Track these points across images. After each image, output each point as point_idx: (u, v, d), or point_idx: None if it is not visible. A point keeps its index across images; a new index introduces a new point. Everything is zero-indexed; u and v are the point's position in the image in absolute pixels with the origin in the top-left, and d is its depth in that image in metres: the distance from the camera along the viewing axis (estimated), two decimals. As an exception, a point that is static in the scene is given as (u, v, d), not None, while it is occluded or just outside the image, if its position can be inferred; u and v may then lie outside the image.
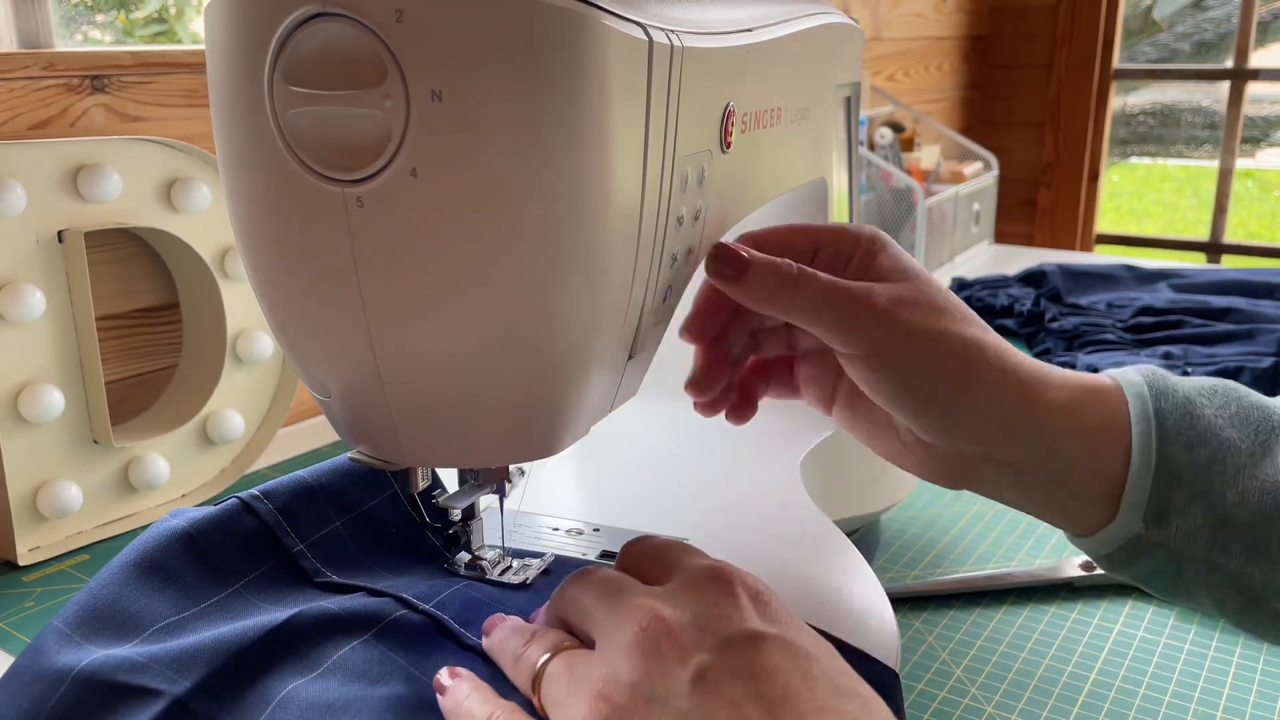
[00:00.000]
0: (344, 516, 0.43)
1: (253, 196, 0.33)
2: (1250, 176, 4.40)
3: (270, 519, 0.41)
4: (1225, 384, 0.40)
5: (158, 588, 0.38)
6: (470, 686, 0.34)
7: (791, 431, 0.58)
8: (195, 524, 0.40)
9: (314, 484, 0.43)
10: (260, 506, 0.41)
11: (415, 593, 0.40)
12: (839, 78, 0.56)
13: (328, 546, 0.42)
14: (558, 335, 0.34)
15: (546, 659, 0.34)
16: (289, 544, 0.41)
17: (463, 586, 0.42)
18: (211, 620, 0.37)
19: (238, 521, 0.41)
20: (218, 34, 0.32)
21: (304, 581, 0.41)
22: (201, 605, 0.38)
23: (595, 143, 0.32)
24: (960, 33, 2.07)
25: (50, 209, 0.61)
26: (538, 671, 0.34)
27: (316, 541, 0.42)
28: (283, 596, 0.40)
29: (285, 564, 0.41)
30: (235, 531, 0.41)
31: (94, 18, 0.96)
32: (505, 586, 0.43)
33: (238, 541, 0.40)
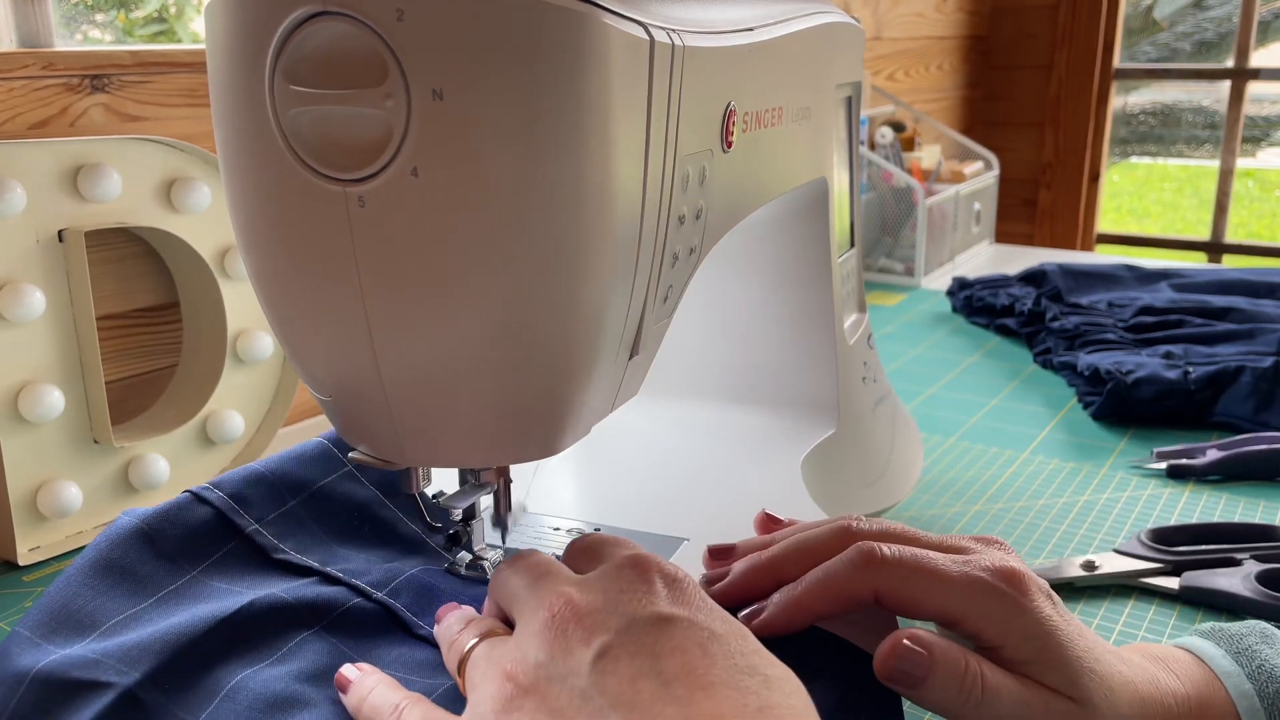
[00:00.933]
0: (298, 496, 0.43)
1: (253, 196, 0.33)
2: (1251, 176, 4.40)
3: (222, 504, 0.41)
4: None
5: (114, 584, 0.38)
6: (375, 680, 0.35)
7: (791, 431, 0.58)
8: (147, 519, 0.40)
9: (265, 470, 0.43)
10: (211, 495, 0.42)
11: (371, 579, 0.41)
12: (839, 77, 0.56)
13: (284, 524, 0.42)
14: (558, 335, 0.34)
15: (474, 644, 0.35)
16: (242, 524, 0.41)
17: (418, 572, 0.42)
18: (168, 610, 0.38)
19: (190, 512, 0.41)
20: (218, 33, 0.32)
21: (261, 560, 0.41)
22: (158, 595, 0.38)
23: (596, 142, 0.32)
24: (960, 32, 2.07)
25: (50, 209, 0.61)
26: (464, 655, 0.35)
27: (272, 520, 0.42)
28: (240, 576, 0.40)
29: (242, 545, 0.41)
30: (188, 521, 0.41)
31: (94, 17, 0.96)
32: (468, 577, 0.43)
33: (191, 531, 0.41)
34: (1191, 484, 0.70)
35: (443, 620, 0.38)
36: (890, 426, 0.66)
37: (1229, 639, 0.40)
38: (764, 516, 0.45)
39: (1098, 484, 0.70)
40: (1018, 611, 0.36)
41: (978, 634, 0.37)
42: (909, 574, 0.37)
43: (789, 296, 0.58)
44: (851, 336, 0.61)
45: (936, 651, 0.36)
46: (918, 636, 0.36)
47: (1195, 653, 0.40)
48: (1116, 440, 0.78)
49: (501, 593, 0.37)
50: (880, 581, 0.37)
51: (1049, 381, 0.92)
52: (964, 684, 0.35)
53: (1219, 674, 0.39)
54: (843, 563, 0.37)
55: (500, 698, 0.31)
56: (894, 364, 0.98)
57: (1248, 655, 0.39)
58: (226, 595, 0.38)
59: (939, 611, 0.37)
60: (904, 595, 0.37)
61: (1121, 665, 0.38)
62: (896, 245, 1.33)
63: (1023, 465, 0.74)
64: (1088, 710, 0.36)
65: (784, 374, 0.60)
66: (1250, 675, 0.39)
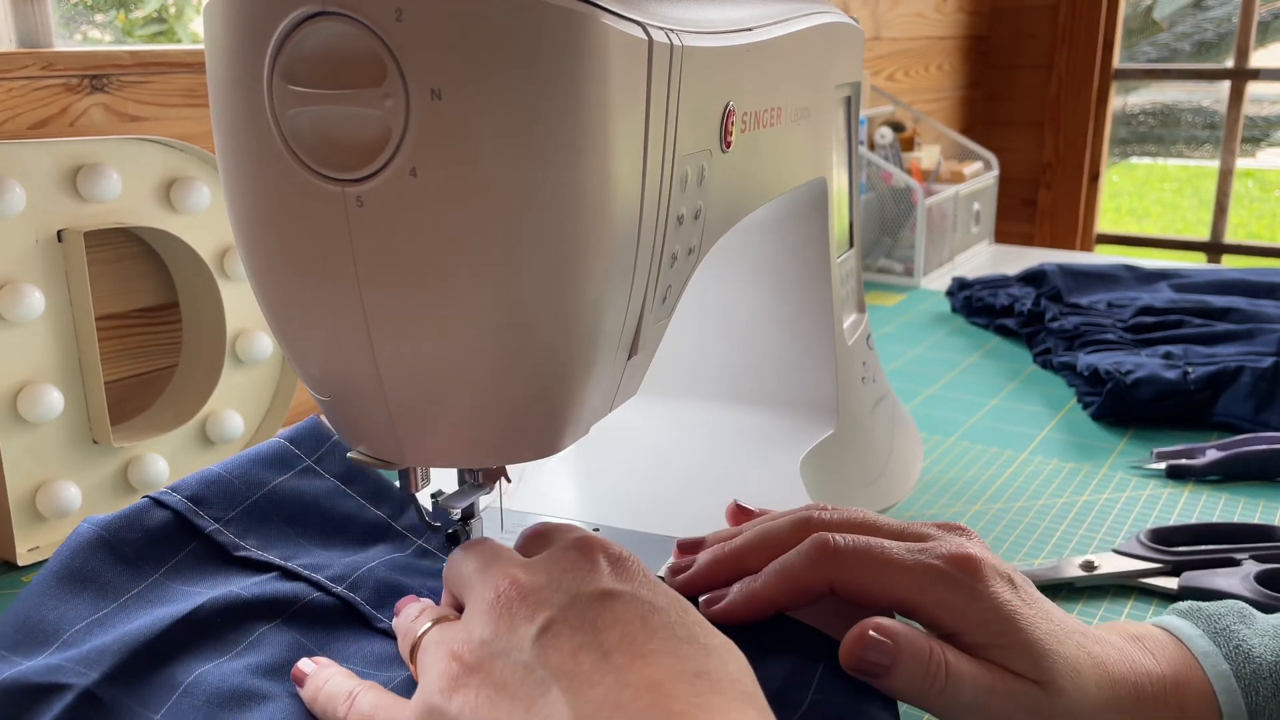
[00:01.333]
0: (257, 492, 0.43)
1: (252, 196, 0.33)
2: (1250, 176, 4.40)
3: (181, 507, 0.42)
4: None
5: (76, 592, 0.38)
6: (331, 672, 0.36)
7: (791, 431, 0.58)
8: (106, 526, 0.40)
9: (223, 471, 0.44)
10: (170, 498, 0.42)
11: (332, 573, 0.41)
12: (839, 77, 0.56)
13: (245, 521, 0.42)
14: (557, 334, 0.34)
15: (426, 629, 0.35)
16: (202, 525, 0.41)
17: (380, 564, 0.42)
18: (130, 614, 0.38)
19: (149, 516, 0.41)
20: (217, 33, 0.32)
21: (223, 559, 0.41)
22: (120, 600, 0.38)
23: (595, 142, 0.32)
24: (960, 33, 2.07)
25: (50, 209, 0.61)
26: (416, 641, 0.35)
27: (232, 519, 0.42)
28: (202, 577, 0.40)
29: (203, 545, 0.41)
30: (147, 526, 0.41)
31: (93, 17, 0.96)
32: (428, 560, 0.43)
33: (151, 535, 0.41)
34: (1191, 484, 0.70)
35: (401, 612, 0.39)
36: (890, 426, 0.66)
37: (1207, 618, 0.40)
38: (734, 507, 0.45)
39: (1097, 484, 0.70)
40: (972, 597, 0.36)
41: (934, 621, 0.37)
42: (862, 564, 0.37)
43: (788, 296, 0.58)
44: (851, 336, 0.61)
45: (901, 640, 0.36)
46: (883, 626, 0.36)
47: (1173, 632, 0.40)
48: (1116, 440, 0.78)
49: (454, 579, 0.37)
50: (834, 572, 0.37)
51: (1048, 381, 0.92)
52: (929, 671, 0.36)
53: (1196, 654, 0.39)
54: (799, 554, 0.38)
55: (447, 676, 0.31)
56: (893, 364, 0.98)
57: (1225, 635, 0.39)
58: (188, 597, 0.39)
59: (894, 600, 0.37)
60: (858, 585, 0.37)
61: (1092, 645, 0.38)
62: (896, 245, 1.33)
63: (1022, 465, 0.74)
64: (1051, 692, 0.36)
65: (783, 374, 0.60)
66: (1227, 655, 0.39)
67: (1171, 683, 0.38)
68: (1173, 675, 0.38)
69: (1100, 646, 0.38)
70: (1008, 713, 0.36)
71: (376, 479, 0.46)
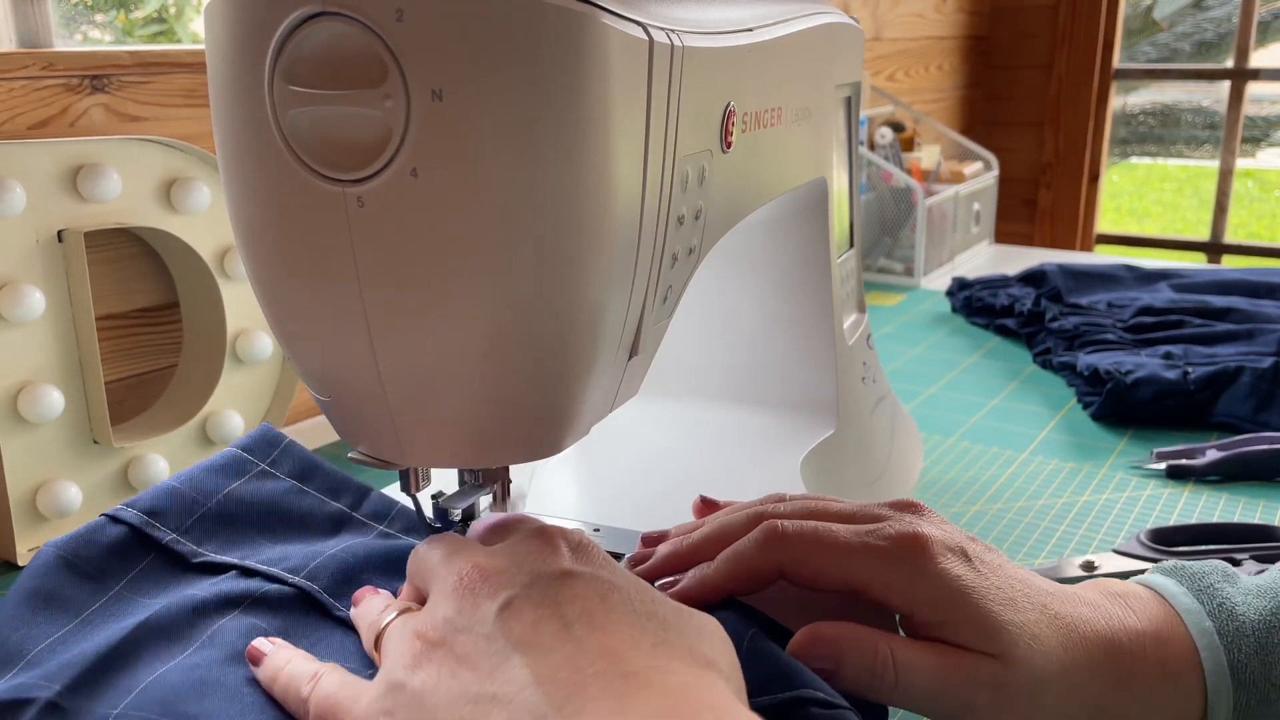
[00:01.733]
0: (212, 500, 0.44)
1: (253, 196, 0.33)
2: (1250, 176, 4.40)
3: (137, 521, 0.42)
4: None
5: (38, 611, 0.38)
6: (290, 654, 0.36)
7: (791, 431, 0.58)
8: (64, 545, 0.41)
9: (177, 483, 0.44)
10: (126, 514, 0.42)
11: (290, 564, 0.41)
12: (839, 77, 0.56)
13: (202, 528, 0.43)
14: (557, 335, 0.34)
15: (391, 619, 0.35)
16: (160, 536, 0.42)
17: (339, 551, 0.42)
18: (93, 628, 0.38)
19: (105, 532, 0.41)
20: (218, 34, 0.32)
21: (183, 568, 0.41)
22: (82, 615, 0.39)
23: (595, 142, 0.32)
24: (960, 33, 2.07)
25: (50, 209, 0.61)
26: (380, 631, 0.35)
27: (190, 527, 0.42)
28: (164, 586, 0.40)
29: (161, 556, 0.42)
30: (104, 542, 0.41)
31: (93, 17, 0.96)
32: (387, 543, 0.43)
33: (109, 549, 0.41)
34: (1191, 484, 0.70)
35: (361, 603, 0.39)
36: (890, 426, 0.66)
37: (1190, 576, 0.40)
38: (700, 502, 0.46)
39: (1097, 484, 0.70)
40: (918, 576, 0.36)
41: (884, 602, 0.37)
42: (809, 548, 0.37)
43: (788, 297, 0.58)
44: (851, 337, 0.61)
45: (844, 643, 0.36)
46: (821, 632, 0.37)
47: (1156, 589, 0.40)
48: (1116, 440, 0.78)
49: (418, 571, 0.37)
50: (782, 557, 0.38)
51: (1048, 382, 0.92)
52: (875, 669, 0.36)
53: (1179, 611, 0.39)
54: (749, 541, 0.38)
55: (410, 654, 0.32)
56: (893, 364, 0.98)
57: (1209, 593, 0.39)
58: (149, 608, 0.39)
59: (842, 583, 0.37)
60: (806, 569, 0.38)
61: (1060, 605, 0.38)
62: (896, 245, 1.33)
63: (1022, 465, 0.74)
64: (1009, 664, 0.36)
65: (783, 374, 0.60)
66: (1210, 613, 0.38)
67: (1152, 638, 0.38)
68: (1153, 631, 0.38)
69: (1071, 605, 0.38)
70: (969, 694, 0.36)
71: (334, 474, 0.46)
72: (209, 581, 0.40)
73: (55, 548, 0.40)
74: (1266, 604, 0.38)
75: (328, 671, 0.35)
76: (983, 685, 0.36)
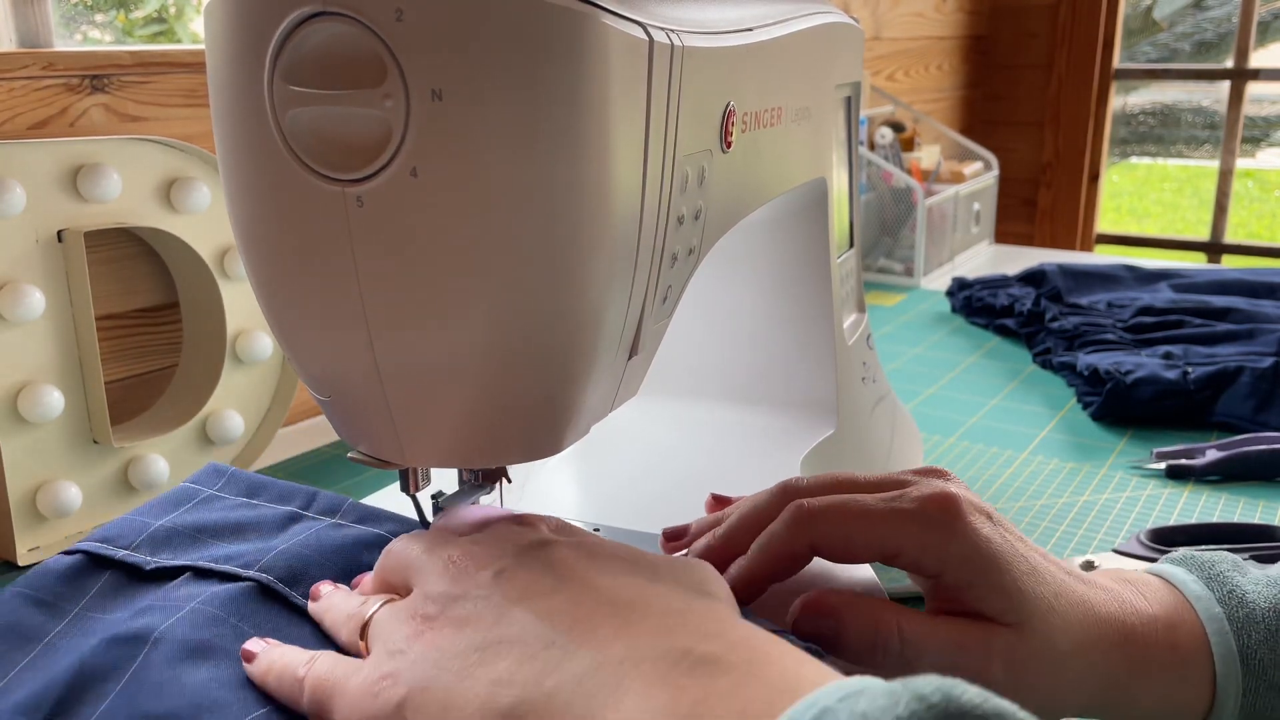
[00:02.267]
0: (161, 519, 0.44)
1: (252, 196, 0.33)
2: (1250, 176, 4.41)
3: (89, 547, 0.42)
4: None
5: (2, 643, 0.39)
6: (282, 650, 0.35)
7: (791, 431, 0.58)
8: (19, 582, 0.41)
9: (128, 515, 0.44)
10: (78, 546, 0.43)
11: (242, 561, 0.41)
12: (839, 77, 0.56)
13: (154, 542, 0.43)
14: (558, 335, 0.34)
15: (376, 609, 0.35)
16: (112, 554, 0.42)
17: (291, 544, 0.42)
18: (58, 651, 0.38)
19: (58, 563, 0.42)
20: (217, 33, 0.32)
21: (139, 578, 0.41)
22: (45, 639, 0.39)
23: (595, 142, 0.32)
24: (960, 32, 2.07)
25: (50, 209, 0.61)
26: (366, 620, 0.35)
27: (140, 543, 0.43)
28: (122, 601, 0.40)
29: (117, 572, 0.42)
30: (59, 571, 0.42)
31: (93, 17, 0.96)
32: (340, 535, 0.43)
33: (64, 576, 0.41)
34: (1191, 484, 0.70)
35: (327, 598, 0.38)
36: (889, 426, 0.66)
37: (1200, 565, 0.40)
38: (713, 499, 0.46)
39: (1097, 484, 0.70)
40: (950, 536, 0.36)
41: (916, 565, 0.37)
42: (838, 520, 0.37)
43: (788, 296, 0.59)
44: (851, 336, 0.61)
45: (845, 612, 0.36)
46: (822, 600, 0.37)
47: (1167, 578, 0.40)
48: (1116, 440, 0.78)
49: (396, 565, 0.37)
50: (814, 534, 0.37)
51: (1048, 381, 0.92)
52: (878, 640, 0.36)
53: (1189, 597, 0.39)
54: (779, 525, 0.38)
55: (407, 631, 0.32)
56: (893, 364, 0.98)
57: (1219, 580, 0.39)
58: (110, 625, 0.39)
59: (875, 550, 0.37)
60: (838, 542, 0.37)
61: (1077, 584, 0.38)
62: (896, 245, 1.33)
63: (1022, 465, 0.74)
64: (1026, 634, 0.36)
65: (783, 374, 0.60)
66: (1220, 600, 0.39)
67: (1163, 623, 0.38)
68: (1164, 616, 0.38)
69: (1086, 586, 0.38)
70: (984, 665, 0.36)
71: (283, 486, 0.47)
72: (166, 586, 0.41)
73: (14, 585, 0.41)
74: (1276, 592, 0.39)
75: (324, 654, 0.34)
76: (997, 657, 0.36)
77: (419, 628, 0.32)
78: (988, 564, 0.36)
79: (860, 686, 0.23)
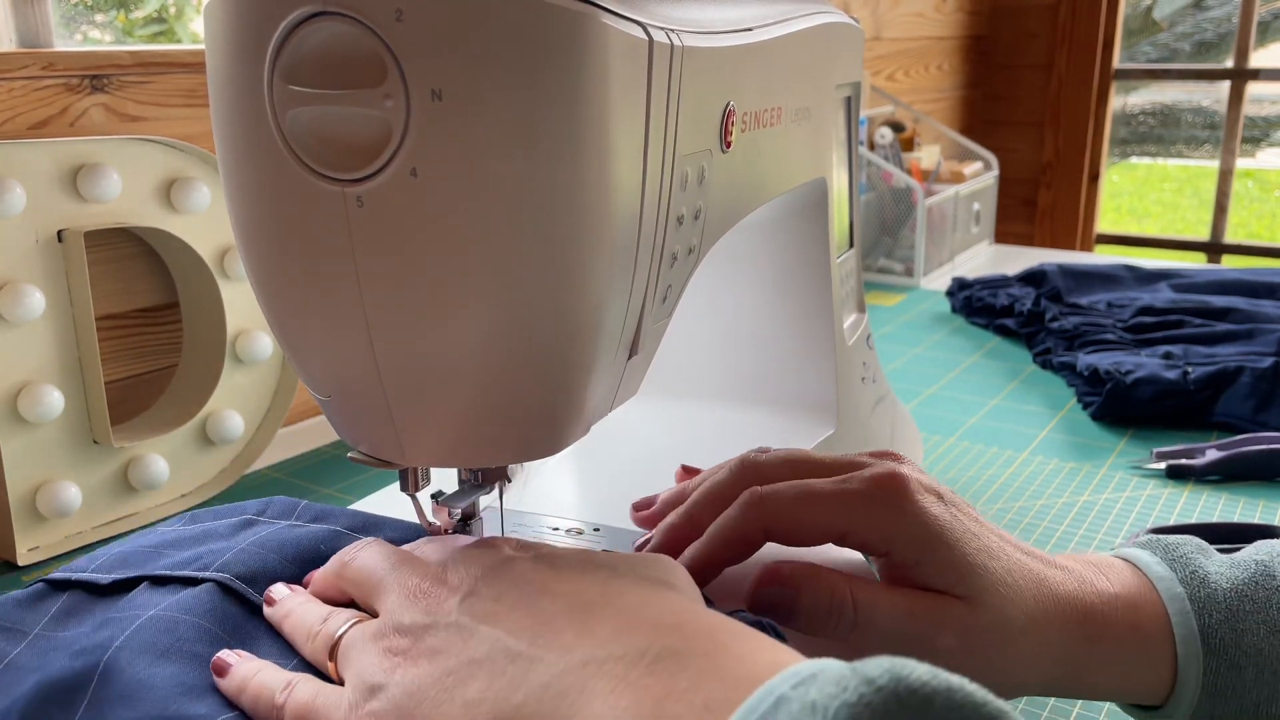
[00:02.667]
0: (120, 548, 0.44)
1: (252, 196, 0.33)
2: (1250, 176, 4.41)
3: (48, 577, 0.42)
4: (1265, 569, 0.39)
5: None
6: (258, 664, 0.35)
7: (791, 431, 0.58)
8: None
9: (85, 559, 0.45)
10: (36, 579, 0.43)
11: (199, 565, 0.41)
12: (839, 77, 0.56)
13: (110, 564, 0.43)
14: (558, 335, 0.34)
15: (344, 630, 0.35)
16: (69, 575, 0.42)
17: (247, 544, 0.42)
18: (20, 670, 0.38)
19: (18, 591, 0.42)
20: (217, 33, 0.32)
21: (98, 593, 0.42)
22: (6, 659, 0.38)
23: (595, 142, 0.32)
24: (960, 33, 2.07)
25: (50, 209, 0.61)
26: (335, 640, 0.35)
27: (97, 566, 0.43)
28: (84, 615, 0.40)
29: (76, 591, 0.42)
30: (19, 597, 0.42)
31: (93, 17, 0.96)
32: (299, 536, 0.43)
33: (23, 600, 0.42)
34: (1191, 484, 0.70)
35: (285, 604, 0.38)
36: (889, 426, 0.66)
37: (1164, 548, 0.41)
38: (682, 470, 0.47)
39: (1097, 484, 0.70)
40: (897, 515, 0.37)
41: (865, 544, 0.37)
42: (789, 503, 0.38)
43: (788, 296, 0.59)
44: (851, 337, 0.61)
45: (802, 579, 0.36)
46: (780, 569, 0.37)
47: (1130, 560, 0.41)
48: (1116, 440, 0.78)
49: (358, 577, 0.37)
50: (766, 518, 0.38)
51: (1048, 381, 0.92)
52: (832, 608, 0.36)
53: (1152, 578, 0.39)
54: (735, 508, 0.39)
55: (382, 663, 0.32)
56: (893, 364, 0.98)
57: (1181, 562, 0.40)
58: (73, 641, 0.39)
59: (823, 531, 0.38)
60: (789, 525, 0.38)
61: (1034, 563, 0.38)
62: (896, 245, 1.33)
63: (1022, 465, 0.74)
64: (978, 608, 0.36)
65: (783, 374, 0.60)
66: (1183, 580, 0.39)
67: (1124, 602, 0.38)
68: (1125, 595, 0.38)
69: (1043, 565, 0.38)
70: (934, 636, 0.36)
71: (232, 507, 0.47)
72: (125, 598, 0.41)
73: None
74: (1239, 574, 0.39)
75: (302, 680, 0.34)
76: (949, 628, 0.36)
77: (394, 660, 0.32)
78: (935, 540, 0.36)
79: (812, 670, 0.24)
